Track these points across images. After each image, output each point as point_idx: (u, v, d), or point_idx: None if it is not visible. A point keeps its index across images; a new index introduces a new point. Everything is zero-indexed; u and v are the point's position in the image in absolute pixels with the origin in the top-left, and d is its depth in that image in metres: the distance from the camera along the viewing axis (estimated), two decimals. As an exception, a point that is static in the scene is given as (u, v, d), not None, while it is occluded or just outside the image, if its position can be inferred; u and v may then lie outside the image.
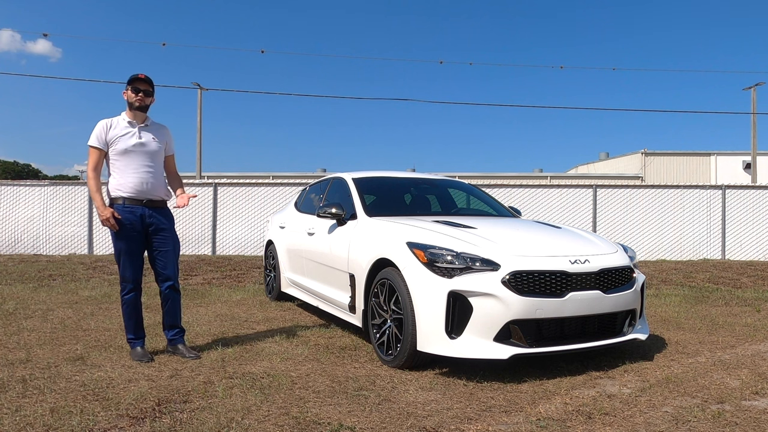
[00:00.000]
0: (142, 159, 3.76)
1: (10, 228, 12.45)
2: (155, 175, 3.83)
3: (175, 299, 3.93)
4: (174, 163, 4.06)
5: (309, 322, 5.13)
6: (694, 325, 5.02)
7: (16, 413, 2.71)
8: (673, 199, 12.27)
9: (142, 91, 3.76)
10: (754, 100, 21.89)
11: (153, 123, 3.89)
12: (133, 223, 3.72)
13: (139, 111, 3.79)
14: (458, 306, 3.33)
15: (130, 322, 3.80)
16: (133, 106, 3.77)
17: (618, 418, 2.78)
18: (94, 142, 3.71)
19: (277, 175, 27.10)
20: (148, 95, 3.80)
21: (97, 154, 3.73)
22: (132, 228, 3.72)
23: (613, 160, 32.74)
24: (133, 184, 3.72)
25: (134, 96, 3.75)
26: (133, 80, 3.77)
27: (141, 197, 3.75)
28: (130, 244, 3.73)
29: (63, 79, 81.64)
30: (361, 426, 2.64)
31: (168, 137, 3.95)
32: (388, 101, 52.41)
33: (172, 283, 3.89)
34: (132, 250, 3.74)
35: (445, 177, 5.92)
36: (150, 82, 3.82)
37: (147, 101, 3.80)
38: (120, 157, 3.72)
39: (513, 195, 12.35)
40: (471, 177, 23.78)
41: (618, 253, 3.90)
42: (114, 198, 3.74)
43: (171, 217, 3.95)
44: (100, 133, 3.72)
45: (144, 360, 3.66)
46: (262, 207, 12.48)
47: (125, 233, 3.70)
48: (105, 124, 3.74)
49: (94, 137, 3.72)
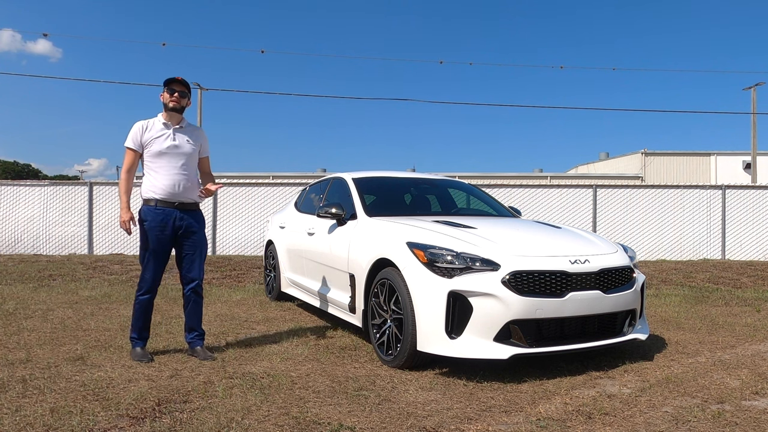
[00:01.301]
0: (175, 161, 3.76)
1: (10, 228, 12.44)
2: (188, 178, 3.82)
3: (197, 303, 3.92)
4: (208, 165, 4.05)
5: (309, 322, 5.13)
6: (694, 325, 5.02)
7: (16, 413, 2.71)
8: (673, 199, 12.26)
9: (177, 92, 3.77)
10: (754, 100, 21.90)
11: (188, 125, 3.90)
12: (163, 225, 3.71)
13: (174, 112, 3.80)
14: (458, 306, 3.33)
15: (138, 322, 3.78)
16: (168, 107, 3.78)
17: (618, 418, 2.78)
18: (129, 144, 3.74)
19: (277, 175, 27.07)
20: (183, 96, 3.81)
21: (133, 155, 3.75)
22: (162, 230, 3.71)
23: (613, 160, 32.72)
24: (165, 186, 3.72)
25: (169, 97, 3.77)
26: (168, 82, 3.79)
27: (173, 199, 3.74)
28: (157, 245, 3.72)
29: (63, 79, 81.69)
30: (361, 426, 2.64)
31: (203, 139, 3.95)
32: (388, 101, 52.48)
33: (195, 286, 3.88)
34: (158, 251, 3.73)
35: (445, 177, 5.92)
36: (186, 84, 3.83)
37: (182, 102, 3.81)
38: (154, 159, 3.74)
39: (513, 195, 12.34)
40: (471, 177, 23.76)
41: (618, 253, 3.90)
42: (146, 199, 3.74)
43: (202, 220, 3.94)
44: (135, 134, 3.74)
45: (143, 360, 3.65)
46: (262, 207, 12.47)
47: (154, 235, 3.70)
48: (141, 126, 3.76)
49: (129, 139, 3.74)
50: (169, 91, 3.77)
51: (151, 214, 3.70)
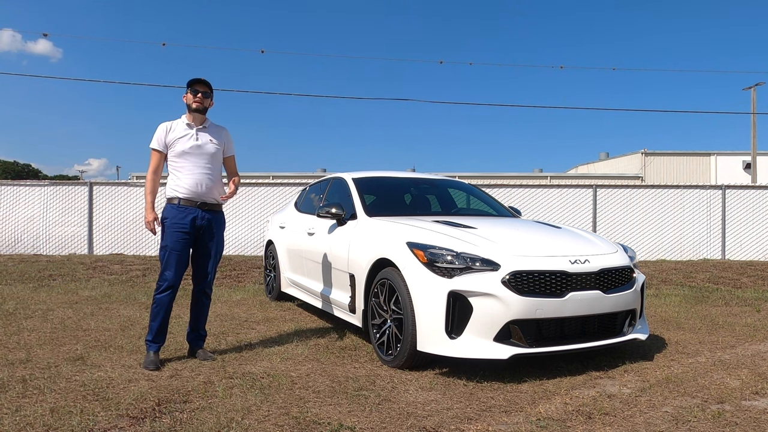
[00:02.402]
0: (198, 161, 3.77)
1: (10, 228, 12.44)
2: (212, 177, 3.83)
3: (204, 304, 3.93)
4: (234, 164, 4.05)
5: (309, 322, 5.13)
6: (694, 325, 5.02)
7: (16, 413, 2.71)
8: (673, 199, 12.27)
9: (200, 92, 3.78)
10: (754, 100, 21.91)
11: (212, 125, 3.90)
12: (184, 223, 3.72)
13: (197, 113, 3.80)
14: (458, 306, 3.33)
15: (155, 322, 3.68)
16: (192, 108, 3.79)
17: (618, 418, 2.78)
18: (154, 145, 3.76)
19: (277, 175, 27.08)
20: (206, 96, 3.81)
21: (158, 156, 3.77)
22: (183, 228, 3.71)
23: (613, 160, 32.74)
24: (188, 185, 3.73)
25: (192, 98, 3.78)
26: (192, 83, 3.80)
27: (196, 199, 3.75)
28: (178, 243, 3.71)
29: (63, 79, 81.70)
30: (361, 426, 2.64)
31: (227, 138, 3.95)
32: (388, 101, 52.57)
33: (205, 285, 3.89)
34: (179, 249, 3.71)
35: (445, 177, 5.92)
36: (208, 84, 3.83)
37: (205, 103, 3.82)
38: (177, 159, 3.75)
39: (513, 195, 12.34)
40: (471, 177, 23.76)
41: (618, 253, 3.90)
42: (170, 198, 3.76)
43: (223, 220, 3.95)
44: (160, 136, 3.76)
45: (151, 368, 3.53)
46: (262, 207, 12.47)
47: (174, 232, 3.69)
48: (165, 127, 3.78)
49: (154, 140, 3.77)
50: (192, 92, 3.78)
51: (173, 212, 3.72)
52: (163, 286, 3.70)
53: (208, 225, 3.81)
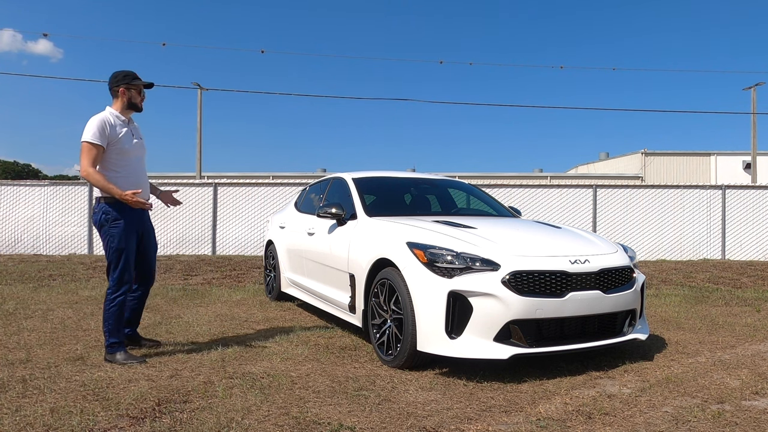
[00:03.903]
0: (137, 158, 3.80)
1: (10, 228, 12.45)
2: (145, 175, 3.92)
3: (144, 300, 4.07)
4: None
5: (309, 322, 5.13)
6: (694, 325, 5.02)
7: (16, 413, 2.71)
8: (673, 199, 12.27)
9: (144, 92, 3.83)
10: (754, 100, 21.89)
11: (134, 122, 3.91)
12: (138, 223, 3.74)
13: (134, 111, 3.81)
14: (458, 306, 3.33)
15: (119, 324, 3.68)
16: (136, 106, 3.78)
17: (618, 418, 2.78)
18: (96, 139, 3.55)
19: (277, 175, 27.07)
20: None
21: (100, 151, 3.58)
22: (134, 227, 3.71)
23: (613, 160, 32.73)
24: (135, 183, 3.72)
25: (138, 96, 3.78)
26: (137, 79, 3.76)
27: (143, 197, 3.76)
28: (132, 243, 3.70)
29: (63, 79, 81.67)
30: (361, 426, 2.64)
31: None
32: (388, 101, 52.54)
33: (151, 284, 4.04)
34: (133, 249, 3.72)
35: (445, 177, 5.92)
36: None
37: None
38: (119, 156, 3.67)
39: (513, 195, 12.34)
40: (471, 177, 23.77)
41: (618, 253, 3.90)
42: (106, 196, 3.62)
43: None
44: (102, 129, 3.58)
45: (136, 360, 3.58)
46: (262, 207, 12.48)
47: (128, 233, 3.67)
48: (104, 121, 3.62)
49: (97, 134, 3.55)
50: (140, 91, 3.79)
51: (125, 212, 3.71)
52: (124, 289, 3.69)
53: (146, 222, 3.89)
